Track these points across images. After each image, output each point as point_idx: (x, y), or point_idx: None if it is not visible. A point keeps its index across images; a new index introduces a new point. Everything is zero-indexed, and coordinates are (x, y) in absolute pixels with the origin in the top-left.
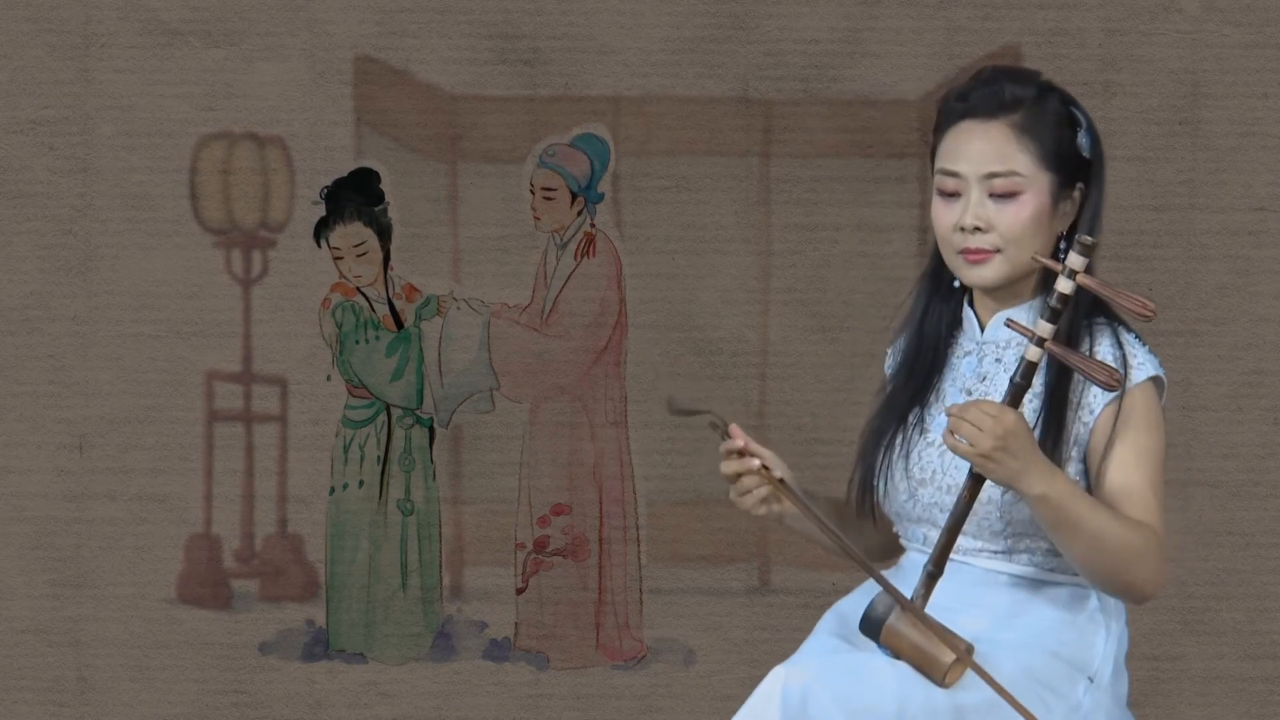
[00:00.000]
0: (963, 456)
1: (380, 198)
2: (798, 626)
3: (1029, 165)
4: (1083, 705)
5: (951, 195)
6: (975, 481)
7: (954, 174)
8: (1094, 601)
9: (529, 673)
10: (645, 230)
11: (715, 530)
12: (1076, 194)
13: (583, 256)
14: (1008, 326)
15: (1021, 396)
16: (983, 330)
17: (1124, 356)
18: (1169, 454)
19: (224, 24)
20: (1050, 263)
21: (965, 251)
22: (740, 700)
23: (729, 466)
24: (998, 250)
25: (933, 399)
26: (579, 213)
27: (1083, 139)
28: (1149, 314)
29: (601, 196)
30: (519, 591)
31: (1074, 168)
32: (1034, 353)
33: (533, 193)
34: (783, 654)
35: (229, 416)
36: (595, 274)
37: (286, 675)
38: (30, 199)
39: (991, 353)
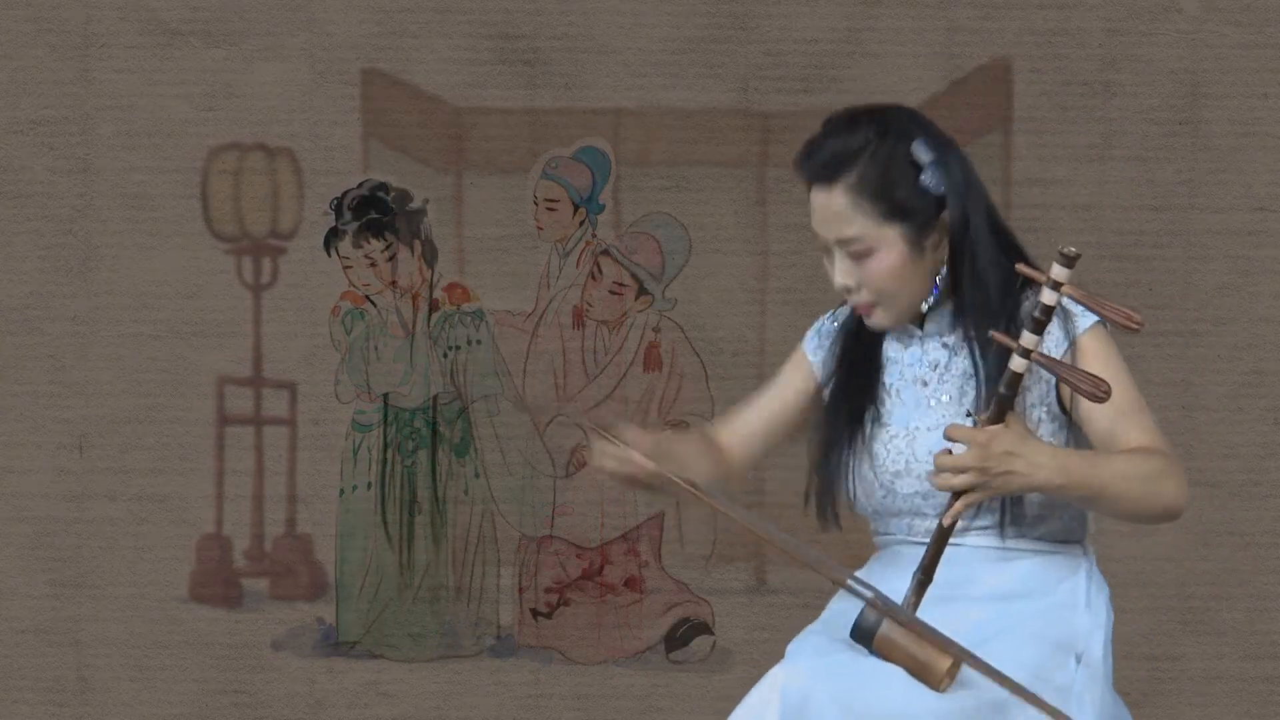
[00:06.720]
0: (972, 499)
1: (391, 210)
2: (796, 626)
3: (871, 225)
4: (1074, 686)
5: (827, 251)
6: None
7: (818, 235)
8: (1082, 576)
9: (531, 671)
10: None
11: (715, 530)
12: (945, 220)
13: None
14: (993, 339)
15: (1008, 407)
16: (921, 325)
17: (1066, 315)
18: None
19: (224, 24)
20: (1034, 274)
21: (854, 305)
22: (739, 700)
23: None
24: (876, 302)
25: (883, 394)
26: (580, 223)
27: (928, 178)
28: (1135, 326)
29: (603, 208)
30: (522, 590)
31: (926, 206)
32: (1019, 364)
33: (536, 204)
34: (782, 654)
35: (240, 419)
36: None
37: (288, 675)
38: (30, 199)
39: (934, 340)
